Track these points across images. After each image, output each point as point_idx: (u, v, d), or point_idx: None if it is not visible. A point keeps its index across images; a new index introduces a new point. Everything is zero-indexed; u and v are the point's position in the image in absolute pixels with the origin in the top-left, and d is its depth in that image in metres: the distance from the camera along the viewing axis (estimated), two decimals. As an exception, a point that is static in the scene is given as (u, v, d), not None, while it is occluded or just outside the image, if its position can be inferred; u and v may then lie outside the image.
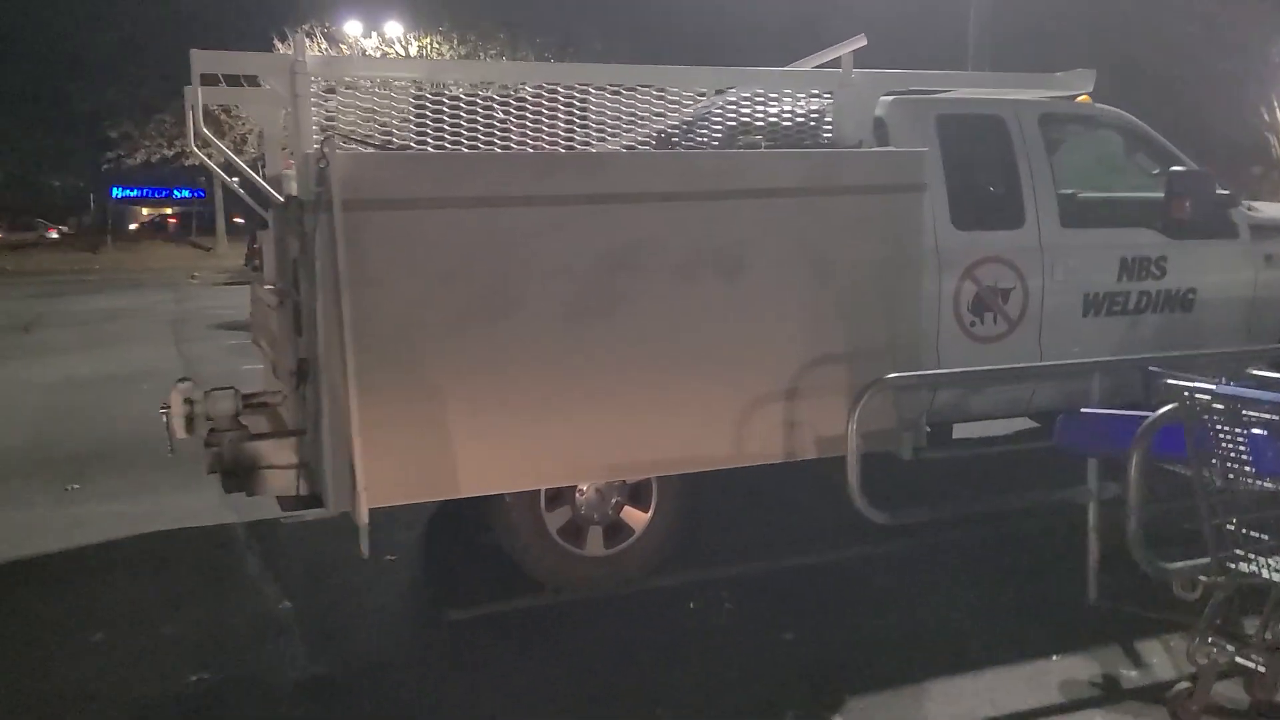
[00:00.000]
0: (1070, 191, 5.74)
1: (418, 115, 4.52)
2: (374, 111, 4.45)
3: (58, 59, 35.94)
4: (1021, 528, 5.34)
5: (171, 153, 33.68)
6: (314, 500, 4.12)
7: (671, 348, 4.35)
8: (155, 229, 48.39)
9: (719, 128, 5.10)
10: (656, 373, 4.32)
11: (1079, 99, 6.16)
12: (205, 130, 4.16)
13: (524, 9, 32.04)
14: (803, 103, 5.20)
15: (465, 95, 4.64)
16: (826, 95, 5.02)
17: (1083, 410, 4.14)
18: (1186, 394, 3.39)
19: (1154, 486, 3.47)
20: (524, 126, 4.67)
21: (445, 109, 4.50)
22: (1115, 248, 5.64)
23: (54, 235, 43.27)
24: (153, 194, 53.23)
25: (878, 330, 4.70)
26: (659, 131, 5.06)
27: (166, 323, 16.38)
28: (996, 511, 5.27)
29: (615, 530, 4.76)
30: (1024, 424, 6.70)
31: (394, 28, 31.02)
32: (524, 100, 4.70)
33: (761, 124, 5.16)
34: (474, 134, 4.53)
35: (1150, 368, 4.01)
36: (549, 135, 4.71)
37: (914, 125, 5.29)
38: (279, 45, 25.26)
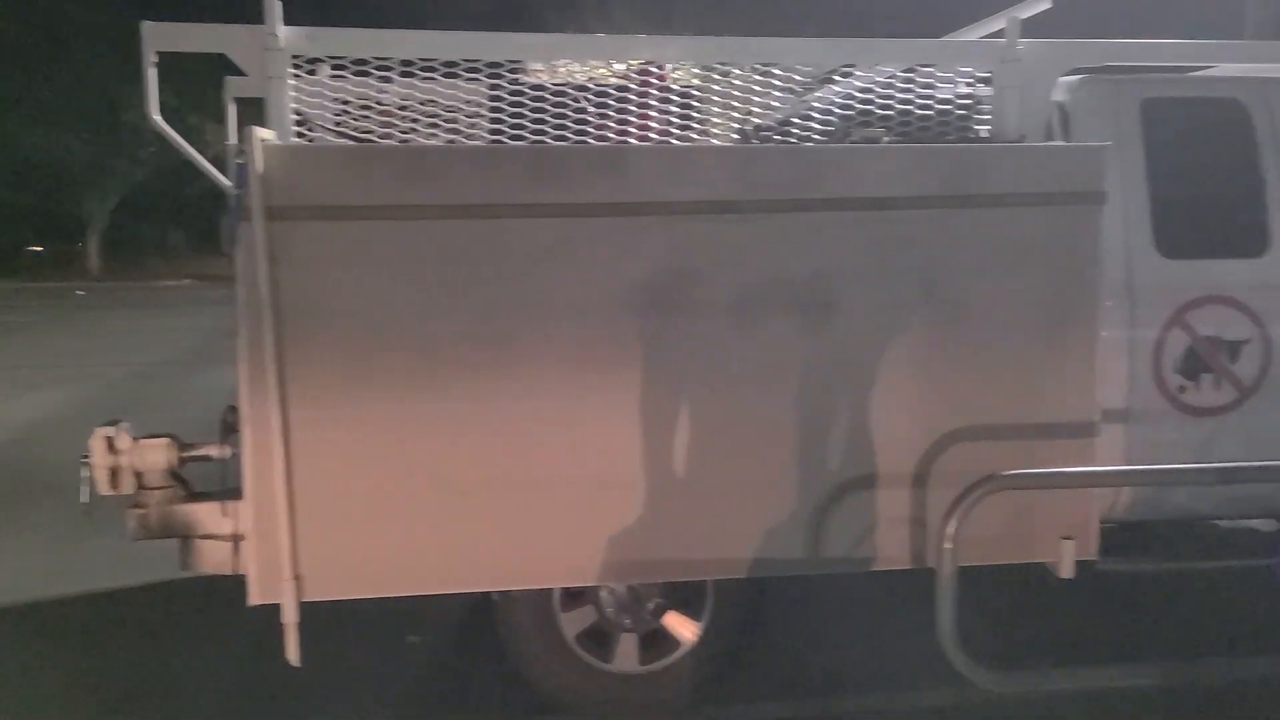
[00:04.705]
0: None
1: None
2: (371, 97, 3.54)
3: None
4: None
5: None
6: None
7: (726, 414, 3.22)
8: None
9: (827, 120, 3.86)
10: (698, 446, 3.20)
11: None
12: (157, 116, 3.40)
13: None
14: (953, 86, 3.89)
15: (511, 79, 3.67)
16: (984, 74, 3.73)
17: None
18: None
19: None
20: (603, 119, 3.64)
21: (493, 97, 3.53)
22: None
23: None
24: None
25: (1027, 397, 3.37)
26: (745, 128, 3.88)
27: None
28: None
29: (654, 642, 3.65)
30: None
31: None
32: (588, 87, 3.68)
33: (890, 114, 3.89)
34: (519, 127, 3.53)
35: None
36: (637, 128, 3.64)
37: (1109, 112, 3.88)
38: None
